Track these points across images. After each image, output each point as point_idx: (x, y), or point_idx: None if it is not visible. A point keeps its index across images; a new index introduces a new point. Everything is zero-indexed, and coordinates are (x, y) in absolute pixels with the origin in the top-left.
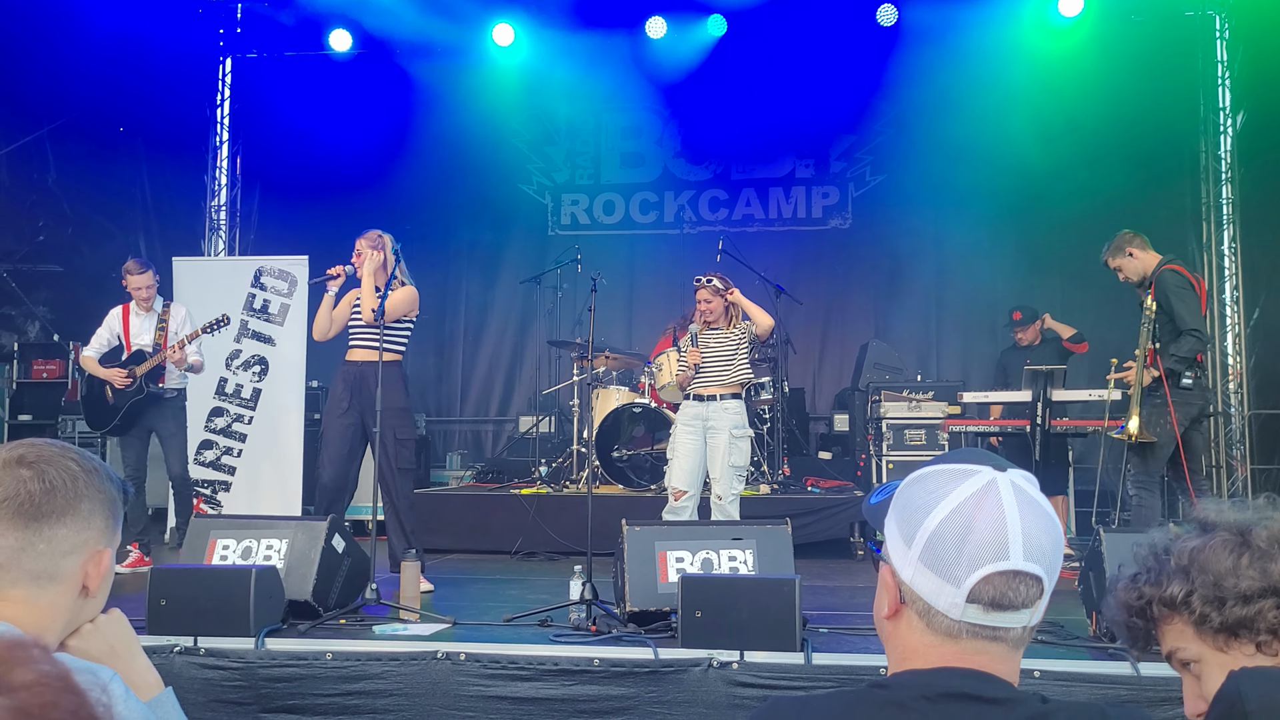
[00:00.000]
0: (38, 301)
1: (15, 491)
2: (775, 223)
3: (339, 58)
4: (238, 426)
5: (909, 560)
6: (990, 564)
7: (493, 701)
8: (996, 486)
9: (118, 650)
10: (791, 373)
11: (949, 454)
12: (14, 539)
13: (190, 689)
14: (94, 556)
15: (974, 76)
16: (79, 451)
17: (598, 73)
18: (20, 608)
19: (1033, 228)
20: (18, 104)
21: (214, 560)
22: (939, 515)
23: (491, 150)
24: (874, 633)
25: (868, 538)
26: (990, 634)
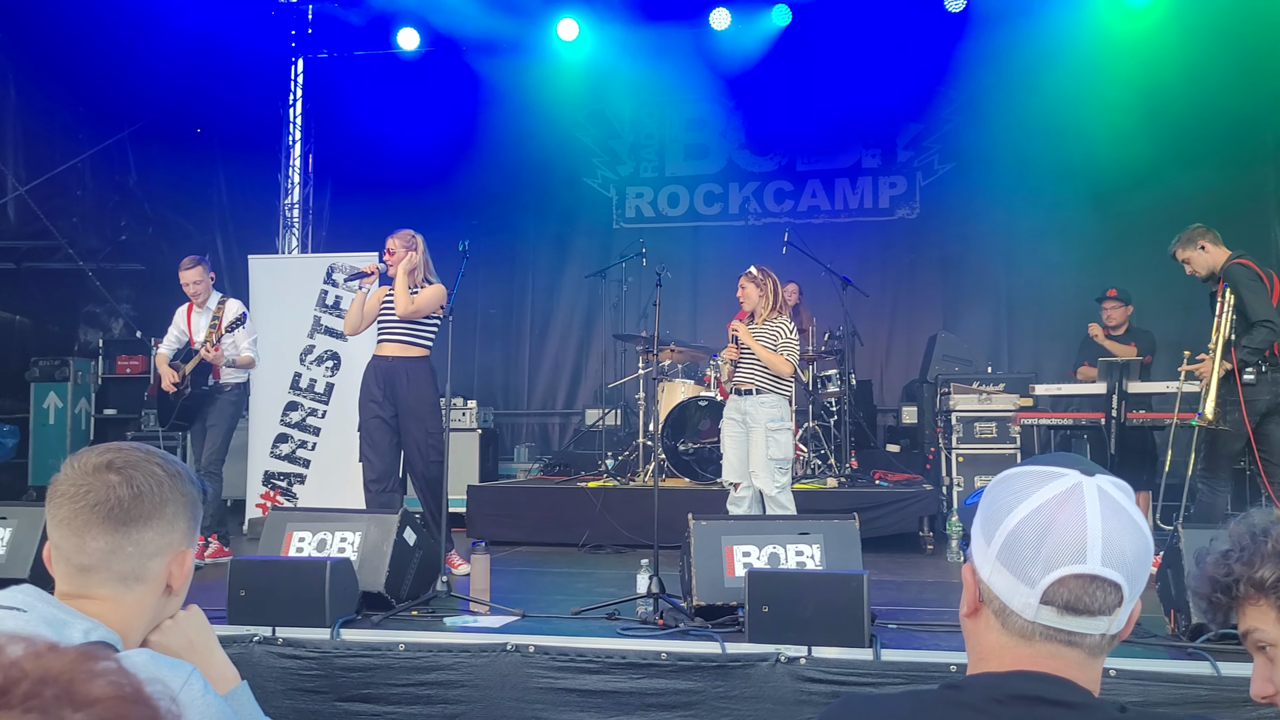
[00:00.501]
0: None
1: (105, 497)
2: (841, 213)
3: (406, 56)
4: (311, 420)
5: (988, 558)
6: (1066, 566)
7: (561, 694)
8: (1081, 490)
9: (196, 645)
10: (859, 365)
11: (1040, 456)
12: (104, 542)
13: (269, 677)
14: (178, 557)
15: (1045, 61)
16: (163, 455)
17: (661, 65)
18: (108, 606)
19: (1107, 215)
20: (100, 108)
21: (290, 552)
22: (1019, 514)
23: (556, 145)
24: (944, 629)
25: (937, 532)
26: (1065, 638)
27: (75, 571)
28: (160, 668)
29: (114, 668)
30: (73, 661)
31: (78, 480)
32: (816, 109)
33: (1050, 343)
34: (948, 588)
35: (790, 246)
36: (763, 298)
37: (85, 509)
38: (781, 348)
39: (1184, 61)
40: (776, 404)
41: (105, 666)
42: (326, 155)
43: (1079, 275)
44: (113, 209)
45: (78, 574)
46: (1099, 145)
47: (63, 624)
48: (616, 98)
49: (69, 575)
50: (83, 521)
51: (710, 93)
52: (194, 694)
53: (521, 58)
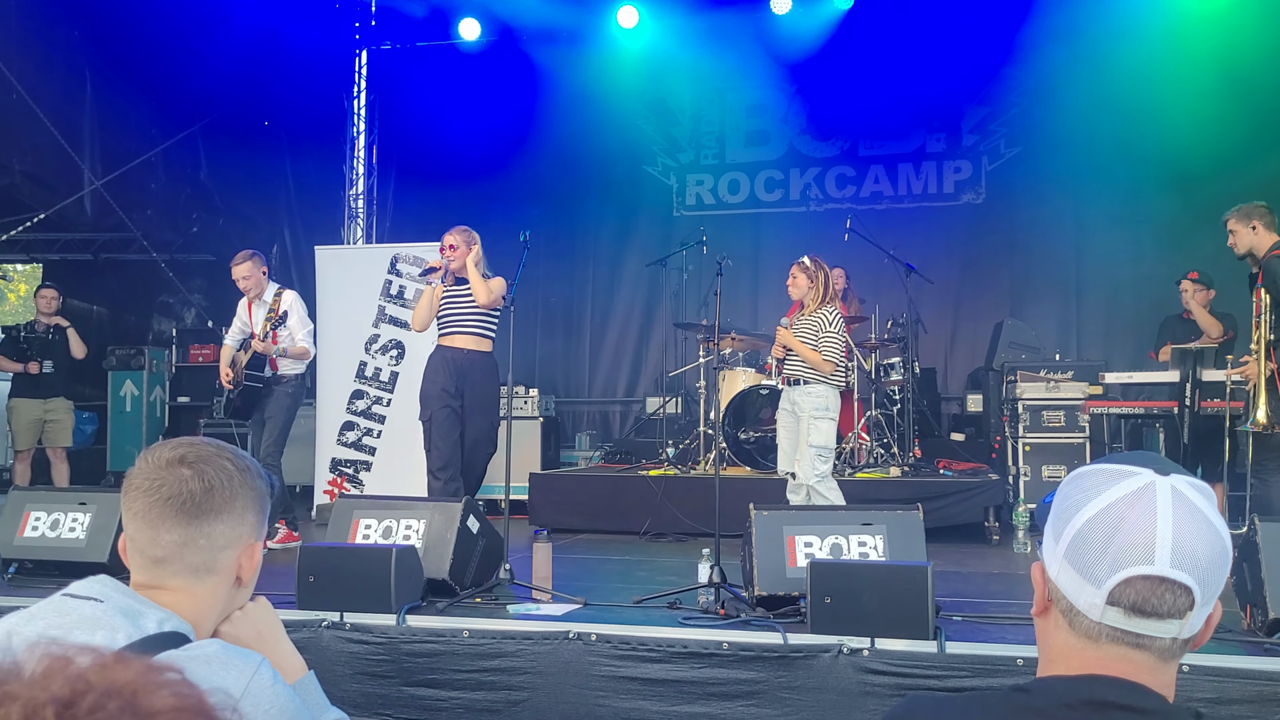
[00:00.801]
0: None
1: (178, 491)
2: (905, 199)
3: (467, 47)
4: (377, 409)
5: (1056, 556)
6: (1133, 566)
7: (623, 682)
8: (1154, 489)
9: (264, 635)
10: (922, 352)
11: (1114, 455)
12: (177, 535)
13: (337, 662)
14: (247, 550)
15: (1116, 40)
16: (233, 450)
17: (721, 52)
18: (180, 596)
19: (1183, 200)
20: (171, 104)
21: (357, 539)
22: (1088, 513)
23: (616, 133)
24: (1010, 621)
25: (1003, 522)
26: (1133, 640)
27: (149, 563)
28: (230, 657)
29: (178, 679)
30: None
31: (152, 474)
32: (879, 93)
33: (1121, 331)
34: (1014, 579)
35: (852, 233)
36: (812, 288)
37: (159, 502)
38: (821, 341)
39: (1265, 38)
40: (822, 394)
41: (169, 678)
42: (389, 146)
43: (1153, 262)
44: (184, 201)
45: (152, 565)
46: (1175, 127)
47: (138, 614)
48: (676, 85)
49: (143, 566)
50: (157, 514)
51: (771, 78)
52: (263, 683)
53: (581, 46)
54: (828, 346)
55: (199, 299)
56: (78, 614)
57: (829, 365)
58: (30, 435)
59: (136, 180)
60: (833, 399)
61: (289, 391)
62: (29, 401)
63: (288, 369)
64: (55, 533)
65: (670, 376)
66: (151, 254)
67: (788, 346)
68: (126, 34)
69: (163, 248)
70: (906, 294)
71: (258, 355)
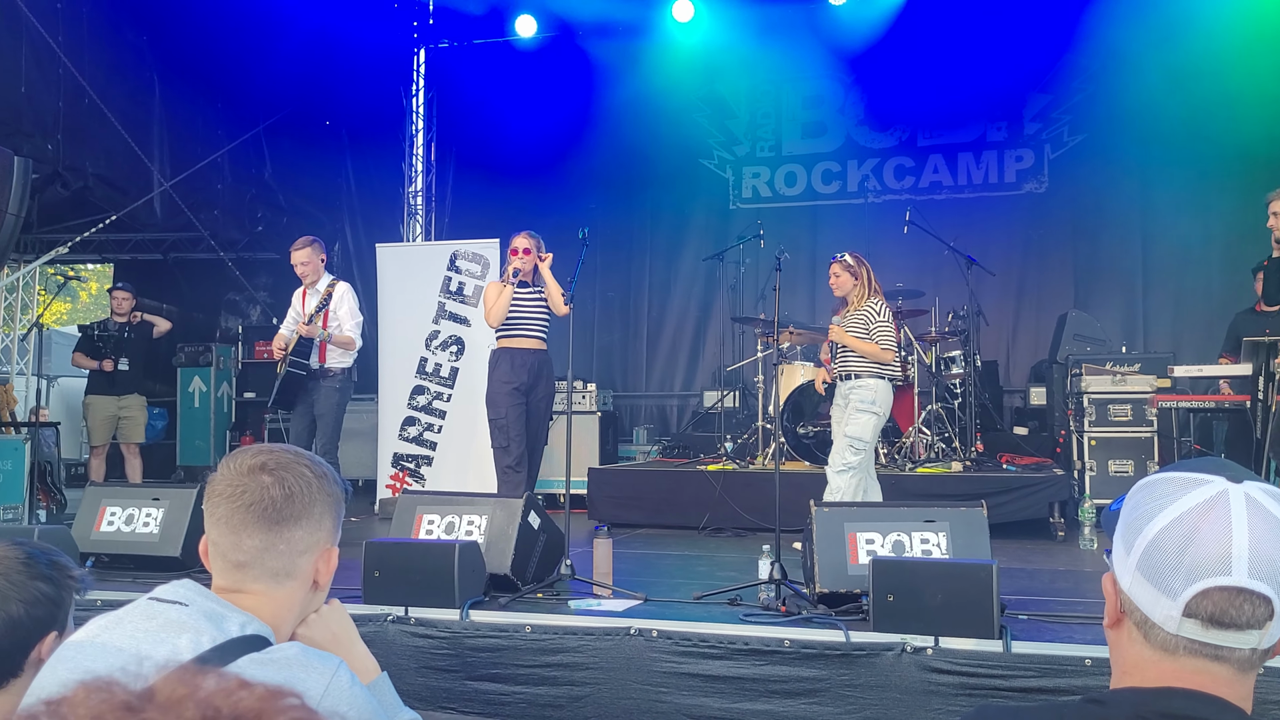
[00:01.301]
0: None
1: (259, 497)
2: (965, 189)
3: (523, 43)
4: (438, 404)
5: (1128, 568)
6: (1210, 578)
7: (684, 679)
8: (1227, 498)
9: (340, 638)
10: (984, 345)
11: (1184, 461)
12: (258, 540)
13: (402, 656)
14: (324, 554)
15: (1183, 21)
16: (311, 457)
17: (777, 44)
18: (260, 600)
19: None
20: (235, 106)
21: (420, 534)
22: (1160, 523)
23: (671, 126)
24: (1078, 620)
25: (1069, 518)
26: (1211, 653)
27: (231, 567)
28: (310, 660)
29: (298, 704)
30: (261, 699)
31: (234, 481)
32: (937, 82)
33: (1190, 322)
34: (1080, 577)
35: (912, 225)
36: (856, 285)
37: (241, 508)
38: (874, 333)
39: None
40: (872, 388)
41: (291, 704)
42: (447, 143)
43: (1222, 251)
44: (250, 201)
45: (233, 570)
46: (1246, 111)
47: (221, 618)
48: (732, 78)
49: (225, 570)
50: (239, 520)
51: (827, 69)
52: (342, 685)
53: (637, 41)
54: (881, 336)
55: (264, 296)
56: (164, 617)
57: (889, 354)
58: (105, 431)
59: (203, 181)
60: (882, 394)
61: (336, 387)
62: (104, 398)
63: (335, 362)
64: (130, 527)
65: (728, 371)
66: (218, 253)
67: (842, 344)
68: (192, 39)
69: (229, 246)
70: (968, 286)
71: (303, 341)
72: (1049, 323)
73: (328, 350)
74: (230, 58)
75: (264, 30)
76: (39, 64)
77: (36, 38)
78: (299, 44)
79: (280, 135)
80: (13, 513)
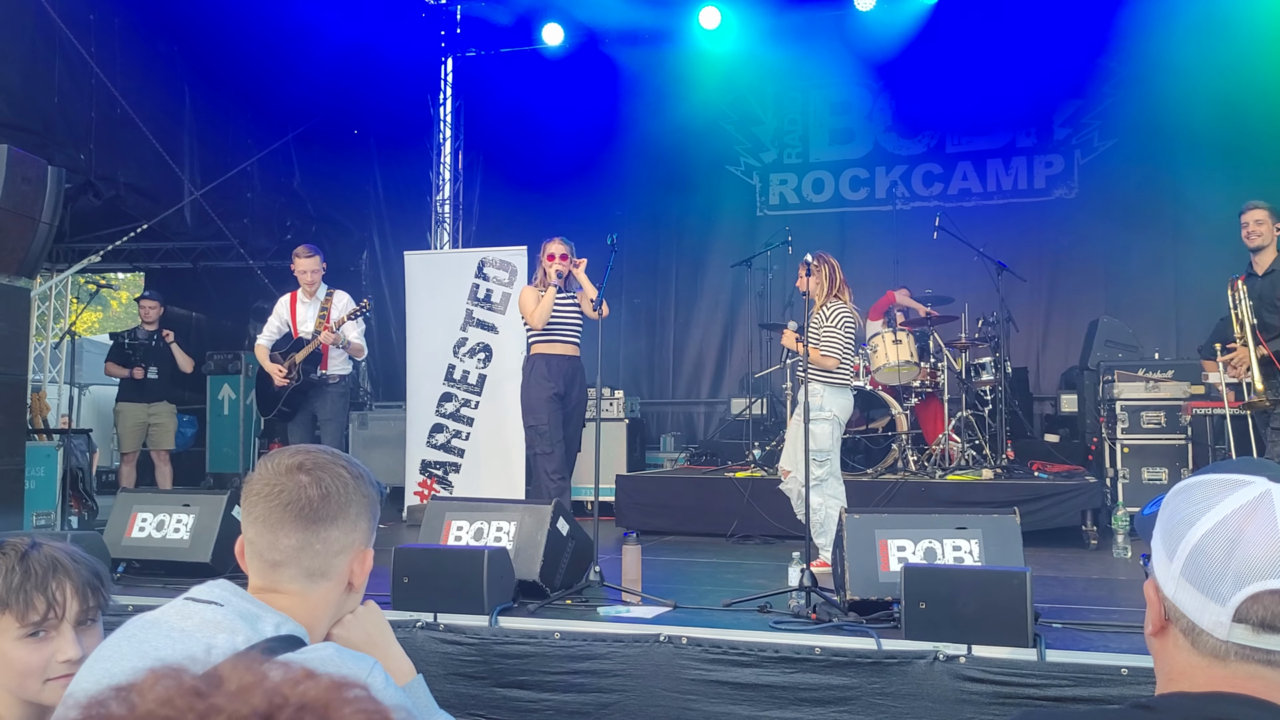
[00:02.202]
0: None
1: (296, 496)
2: (994, 195)
3: (551, 52)
4: (465, 411)
5: (1171, 575)
6: (1260, 581)
7: (714, 686)
8: (1271, 498)
9: (375, 639)
10: (1014, 352)
11: (1222, 463)
12: (295, 539)
13: (431, 662)
14: (359, 555)
15: (1215, 25)
16: (347, 458)
17: (804, 50)
18: (295, 600)
19: None
20: (265, 115)
21: (449, 540)
22: (1203, 527)
23: (699, 133)
24: (1113, 629)
25: (1101, 526)
26: (1264, 658)
27: (267, 567)
28: (345, 660)
29: (364, 695)
30: (327, 689)
31: (272, 480)
32: (966, 88)
33: None
34: (1114, 585)
35: (942, 231)
36: (819, 285)
37: (279, 508)
38: (821, 340)
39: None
40: (818, 392)
41: (357, 695)
42: (475, 151)
43: None
44: (279, 209)
45: (270, 569)
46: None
47: (256, 618)
48: (759, 84)
49: (261, 570)
50: (276, 519)
51: (854, 75)
52: (376, 686)
53: (664, 48)
54: (826, 342)
55: None
56: (199, 617)
57: (829, 360)
58: (136, 438)
59: (233, 190)
60: (830, 398)
61: (341, 392)
62: (134, 406)
63: (337, 369)
64: (161, 533)
65: (755, 378)
66: (248, 261)
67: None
68: (222, 49)
69: (258, 255)
70: (998, 292)
71: (314, 353)
72: (1080, 329)
73: (330, 358)
74: (260, 67)
75: (293, 40)
76: (72, 74)
77: (69, 48)
78: (328, 54)
79: (309, 144)
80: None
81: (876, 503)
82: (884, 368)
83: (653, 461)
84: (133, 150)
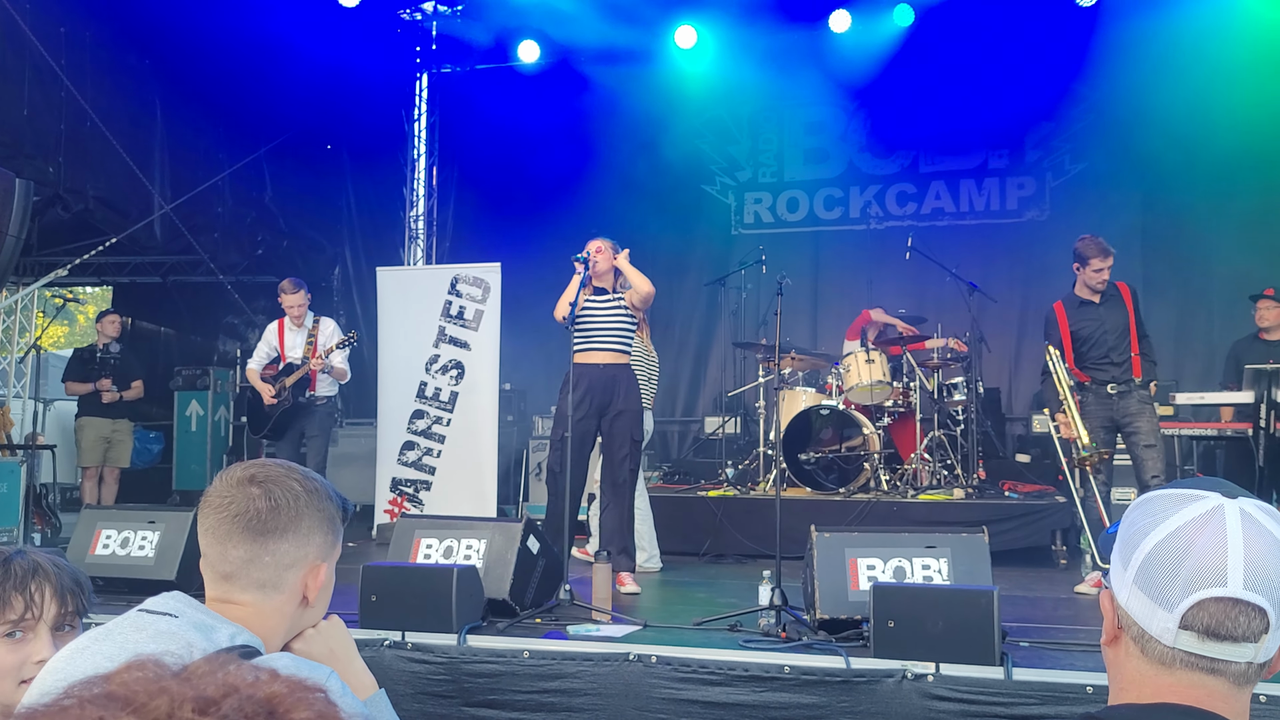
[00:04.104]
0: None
1: (246, 508)
2: (967, 216)
3: (526, 69)
4: (437, 428)
5: (1125, 582)
6: (1206, 589)
7: (684, 705)
8: (1223, 512)
9: (337, 653)
10: (986, 372)
11: (1180, 480)
12: (244, 551)
13: (399, 681)
14: (312, 570)
15: (1184, 54)
16: (304, 472)
17: (780, 70)
18: (250, 611)
19: (1251, 215)
20: (238, 128)
21: (418, 558)
22: (1156, 537)
23: (674, 152)
24: (1079, 648)
25: (1070, 546)
26: (1207, 665)
27: (219, 578)
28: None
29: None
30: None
31: (224, 492)
32: (940, 109)
33: (1191, 350)
34: (1082, 605)
35: (914, 251)
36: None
37: (228, 519)
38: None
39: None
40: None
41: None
42: (449, 168)
43: (1223, 279)
44: (250, 224)
45: (222, 580)
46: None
47: (210, 628)
48: (734, 104)
49: (215, 581)
50: (225, 531)
51: (830, 96)
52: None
53: (640, 67)
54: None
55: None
56: (153, 629)
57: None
58: (97, 453)
59: (204, 204)
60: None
61: (328, 412)
62: (98, 420)
63: (324, 390)
64: (125, 550)
65: (729, 396)
66: (218, 276)
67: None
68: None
69: (228, 270)
70: (970, 313)
71: (303, 377)
72: None
73: (317, 381)
74: (233, 81)
75: (266, 54)
76: (41, 86)
77: (39, 60)
78: (302, 68)
79: (281, 159)
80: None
81: (849, 522)
82: (857, 387)
83: None
84: (102, 163)
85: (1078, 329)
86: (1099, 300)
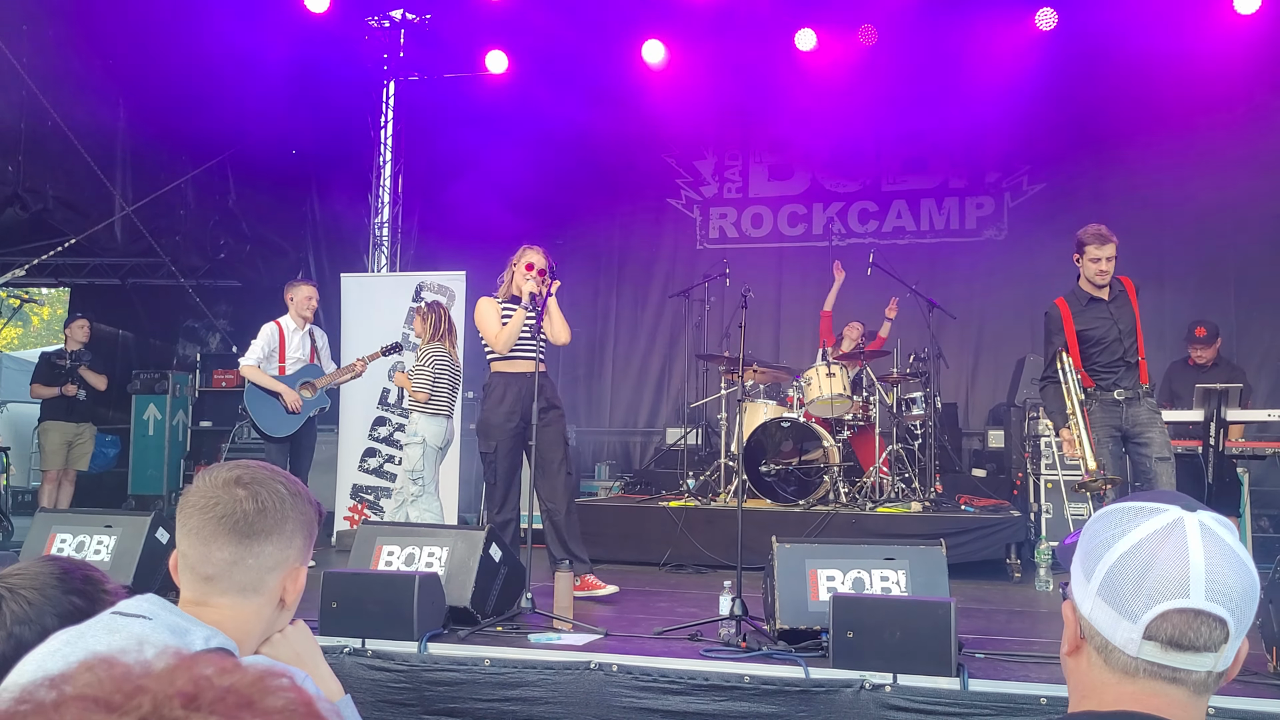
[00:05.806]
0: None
1: (231, 510)
2: (927, 234)
3: (494, 79)
4: (399, 436)
5: (1088, 594)
6: (1169, 600)
7: (644, 714)
8: (1183, 525)
9: (303, 658)
10: (944, 388)
11: (1138, 493)
12: (228, 553)
13: (359, 688)
14: (292, 572)
15: (1141, 80)
16: (286, 474)
17: (746, 88)
18: (226, 614)
19: (1206, 238)
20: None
21: (380, 565)
22: (1119, 549)
23: (641, 166)
24: (1033, 659)
25: (1025, 559)
26: (1169, 675)
27: (199, 580)
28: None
29: (289, 684)
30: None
31: (208, 493)
32: (902, 129)
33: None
34: (1036, 617)
35: (875, 268)
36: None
37: (213, 520)
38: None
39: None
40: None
41: (283, 683)
42: (415, 175)
43: (1176, 299)
44: (213, 228)
45: (202, 583)
46: (1198, 165)
47: (185, 631)
48: (700, 120)
49: (193, 583)
50: (210, 532)
51: (795, 113)
52: None
53: (608, 81)
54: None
55: (224, 324)
56: (126, 631)
57: (421, 394)
58: (60, 457)
59: (166, 207)
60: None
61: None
62: (63, 424)
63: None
64: (81, 555)
65: (691, 408)
66: (179, 279)
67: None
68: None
69: (190, 273)
70: (929, 329)
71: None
72: (1008, 367)
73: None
74: (198, 84)
75: (232, 58)
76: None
77: None
78: (267, 72)
79: (246, 163)
80: None
81: (808, 533)
82: (817, 400)
83: (587, 490)
84: (63, 163)
85: (1086, 329)
86: (1108, 297)
